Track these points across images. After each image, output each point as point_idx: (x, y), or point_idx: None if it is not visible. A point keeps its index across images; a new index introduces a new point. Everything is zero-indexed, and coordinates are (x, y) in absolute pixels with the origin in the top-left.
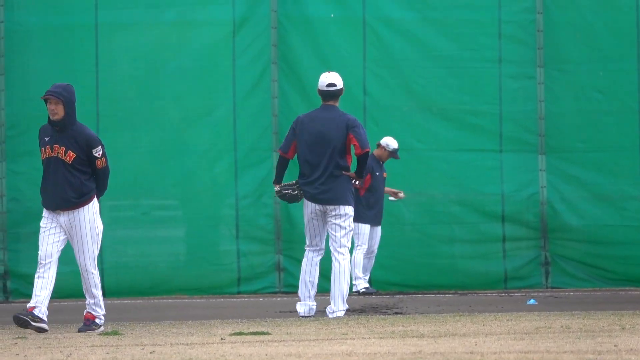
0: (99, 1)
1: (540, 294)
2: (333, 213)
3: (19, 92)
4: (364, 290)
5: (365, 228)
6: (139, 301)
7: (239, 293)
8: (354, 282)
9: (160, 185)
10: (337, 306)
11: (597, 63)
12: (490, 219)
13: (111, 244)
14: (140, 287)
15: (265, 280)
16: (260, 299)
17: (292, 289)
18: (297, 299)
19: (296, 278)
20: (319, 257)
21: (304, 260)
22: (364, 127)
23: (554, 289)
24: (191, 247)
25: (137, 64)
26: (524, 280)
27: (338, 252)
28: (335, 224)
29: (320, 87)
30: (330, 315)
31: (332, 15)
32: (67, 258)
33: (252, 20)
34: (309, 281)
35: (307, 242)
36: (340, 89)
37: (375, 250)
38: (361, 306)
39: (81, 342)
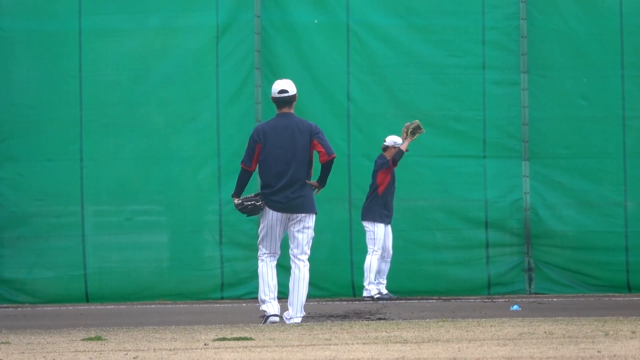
0: (82, 7)
1: (524, 299)
2: (299, 221)
3: (3, 97)
4: (378, 296)
5: (380, 231)
6: (122, 306)
7: (222, 298)
8: (366, 287)
9: (144, 191)
10: (295, 312)
11: (581, 69)
12: (474, 225)
13: (95, 249)
14: (123, 292)
15: (249, 286)
16: (244, 305)
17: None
18: (283, 305)
19: (280, 284)
20: (275, 262)
21: (262, 265)
22: (349, 133)
23: (538, 295)
24: (175, 253)
25: (121, 70)
26: (508, 286)
27: (299, 259)
28: (299, 231)
29: (273, 95)
30: (287, 322)
31: (315, 21)
32: (50, 263)
33: (236, 26)
34: (272, 284)
35: (265, 250)
36: (293, 95)
37: (391, 251)
38: (344, 312)
39: (64, 347)
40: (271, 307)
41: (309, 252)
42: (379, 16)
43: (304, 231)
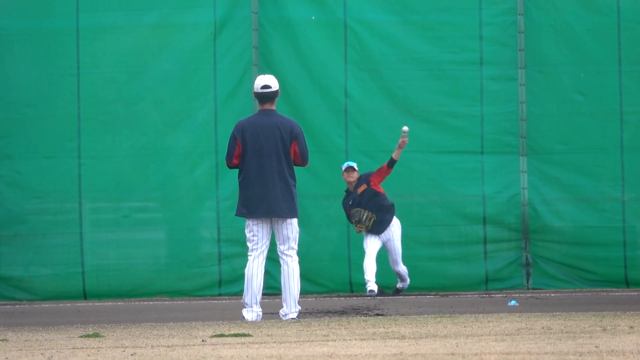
0: (80, 5)
1: (522, 295)
2: (284, 221)
3: (0, 95)
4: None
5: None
6: (120, 303)
7: (220, 295)
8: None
9: (142, 188)
10: (290, 308)
11: (578, 65)
12: (472, 221)
13: (92, 246)
14: (121, 289)
15: None
16: (241, 301)
17: (273, 291)
18: (279, 301)
19: (277, 280)
20: (264, 261)
21: (249, 266)
22: (346, 129)
23: (535, 290)
24: (172, 250)
25: (119, 67)
26: (505, 281)
27: (286, 254)
28: (284, 227)
29: (255, 90)
30: (283, 318)
31: (313, 17)
32: (47, 261)
33: (233, 22)
34: (256, 288)
35: (251, 247)
36: (276, 91)
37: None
38: (342, 308)
39: (62, 344)
40: (250, 313)
41: (296, 247)
42: (376, 13)
43: (288, 227)
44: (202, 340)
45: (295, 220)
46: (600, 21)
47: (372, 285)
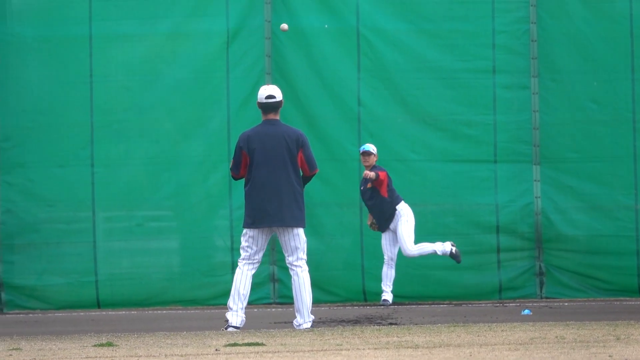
0: (93, 13)
1: (535, 304)
2: (288, 230)
3: (13, 103)
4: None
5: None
6: (133, 312)
7: None
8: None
9: (155, 196)
10: (303, 318)
11: (591, 73)
12: (485, 230)
13: (106, 255)
14: (134, 298)
15: (260, 292)
16: (255, 310)
17: (286, 300)
18: (292, 311)
19: (291, 289)
20: (254, 271)
21: (239, 272)
22: (359, 137)
23: (549, 299)
24: (185, 259)
25: (131, 75)
26: (519, 290)
27: (295, 265)
28: (291, 239)
29: (259, 100)
30: (297, 328)
31: (326, 26)
32: (61, 270)
33: (246, 31)
34: (243, 294)
35: (245, 256)
36: (280, 101)
37: (392, 256)
38: (356, 317)
39: (75, 353)
40: (235, 317)
41: (305, 257)
42: (389, 21)
43: (295, 238)
44: (216, 350)
45: (302, 230)
46: (613, 29)
47: (386, 295)
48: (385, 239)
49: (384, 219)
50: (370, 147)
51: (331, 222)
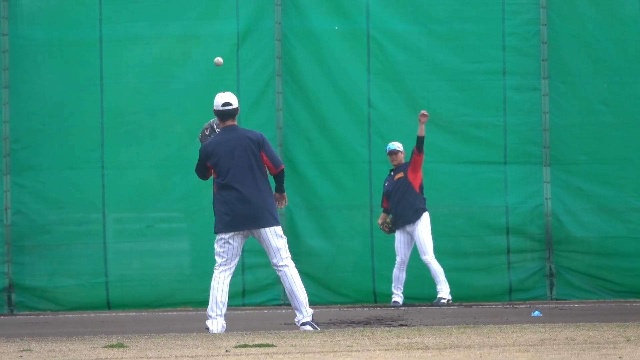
0: (103, 15)
1: (545, 305)
2: (271, 232)
3: (24, 105)
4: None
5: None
6: (143, 314)
7: (243, 305)
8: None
9: (165, 198)
10: (303, 314)
11: (602, 75)
12: (495, 231)
13: (116, 256)
14: (145, 299)
15: (270, 293)
16: (265, 311)
17: None
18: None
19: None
20: (231, 277)
21: (215, 280)
22: (369, 139)
23: (559, 301)
24: (196, 260)
25: (142, 77)
26: (529, 292)
27: (281, 265)
28: (273, 240)
29: (216, 108)
30: (300, 326)
31: (336, 27)
32: (71, 271)
33: (256, 32)
34: (221, 301)
35: (221, 262)
36: (236, 108)
37: (403, 258)
38: (366, 318)
39: (86, 354)
40: (215, 324)
41: (288, 254)
42: (399, 23)
43: (275, 238)
44: (226, 351)
45: (279, 228)
46: (624, 31)
47: (397, 297)
48: (399, 240)
49: (412, 210)
50: (396, 145)
51: (341, 224)
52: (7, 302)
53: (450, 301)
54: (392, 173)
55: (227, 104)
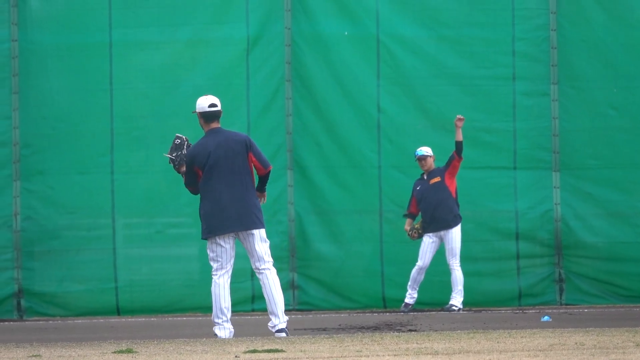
0: (113, 20)
1: (555, 310)
2: (251, 235)
3: (33, 111)
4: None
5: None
6: (153, 319)
7: (253, 311)
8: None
9: (175, 203)
10: (279, 319)
11: (611, 80)
12: (504, 236)
13: (125, 262)
14: (154, 305)
15: None
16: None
17: (306, 307)
18: (310, 317)
19: (310, 296)
20: (229, 280)
21: (215, 286)
22: (379, 144)
23: (568, 306)
24: (205, 265)
25: (151, 82)
26: (538, 297)
27: (264, 268)
28: (258, 243)
29: (201, 110)
30: (273, 330)
31: (345, 32)
32: (81, 276)
33: (266, 38)
34: (225, 307)
35: (217, 267)
36: (221, 111)
37: (422, 263)
38: (375, 323)
39: None
40: (223, 330)
41: (270, 259)
42: (409, 28)
43: (260, 241)
44: (236, 356)
45: (264, 232)
46: (633, 36)
47: (409, 299)
48: (426, 244)
49: (452, 215)
50: (425, 151)
51: (351, 229)
52: (16, 307)
53: (462, 310)
54: (424, 177)
55: (213, 105)
